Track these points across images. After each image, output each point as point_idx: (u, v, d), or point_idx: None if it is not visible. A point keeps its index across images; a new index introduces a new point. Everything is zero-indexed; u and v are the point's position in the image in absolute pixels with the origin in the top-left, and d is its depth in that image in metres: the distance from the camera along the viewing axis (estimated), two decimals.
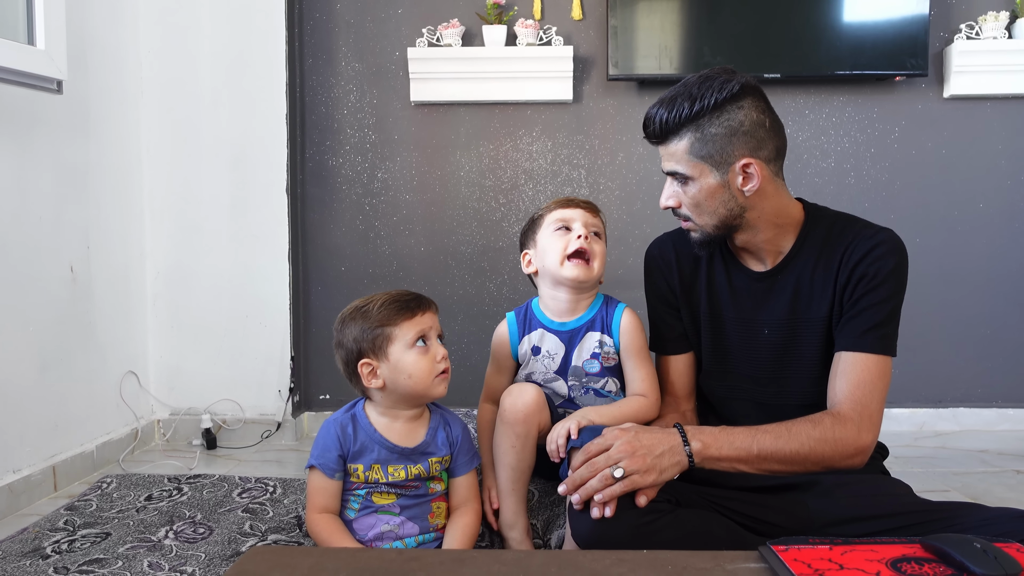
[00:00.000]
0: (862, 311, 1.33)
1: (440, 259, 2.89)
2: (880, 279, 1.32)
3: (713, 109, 1.32)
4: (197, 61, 2.67)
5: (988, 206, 2.81)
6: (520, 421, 1.46)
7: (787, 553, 0.92)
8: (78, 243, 2.34)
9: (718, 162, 1.33)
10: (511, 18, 2.76)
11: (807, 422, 1.28)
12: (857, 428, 1.27)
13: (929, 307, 2.83)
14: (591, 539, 1.21)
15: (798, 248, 1.40)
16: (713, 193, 1.35)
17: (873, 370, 1.31)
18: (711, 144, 1.32)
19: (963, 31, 2.73)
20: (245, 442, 2.68)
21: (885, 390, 1.32)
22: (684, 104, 1.32)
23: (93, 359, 2.41)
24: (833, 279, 1.36)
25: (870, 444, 1.29)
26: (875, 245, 1.33)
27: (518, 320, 1.60)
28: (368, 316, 1.41)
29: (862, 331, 1.32)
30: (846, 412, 1.29)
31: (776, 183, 1.38)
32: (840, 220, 1.41)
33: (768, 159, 1.35)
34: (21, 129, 2.11)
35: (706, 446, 1.24)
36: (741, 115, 1.33)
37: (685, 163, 1.35)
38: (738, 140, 1.32)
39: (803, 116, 2.82)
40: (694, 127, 1.33)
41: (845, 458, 1.28)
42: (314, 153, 2.87)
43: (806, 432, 1.26)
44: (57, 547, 1.74)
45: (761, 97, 1.37)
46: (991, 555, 0.88)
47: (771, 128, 1.35)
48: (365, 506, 1.44)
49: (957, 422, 2.83)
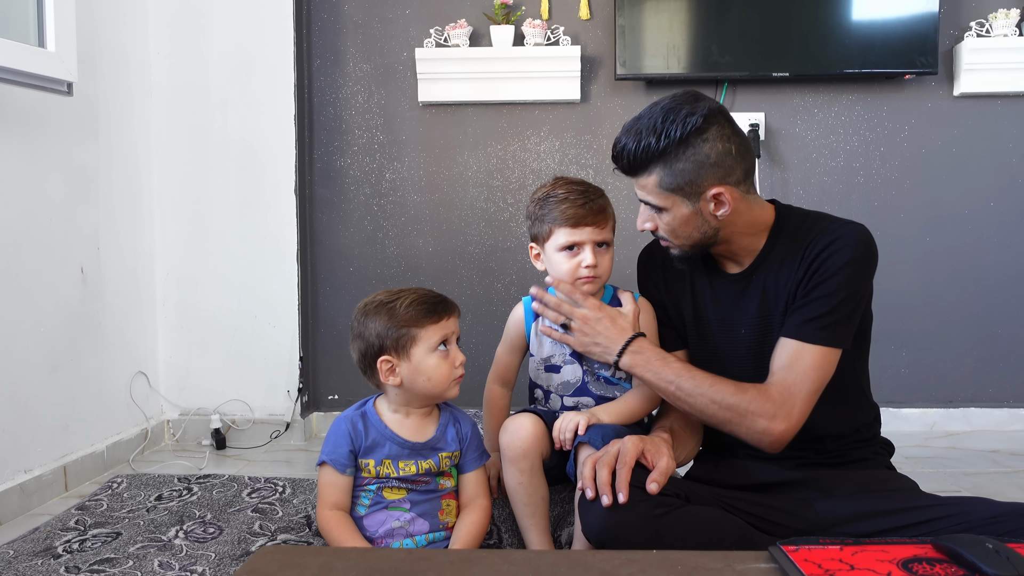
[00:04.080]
0: (809, 302, 1.33)
1: (448, 259, 2.89)
2: (831, 272, 1.33)
3: (679, 144, 1.32)
4: (206, 63, 2.68)
5: (999, 205, 2.79)
6: (521, 456, 1.47)
7: (797, 553, 0.92)
8: (88, 244, 2.35)
9: (688, 193, 1.35)
10: (519, 18, 2.76)
11: (733, 384, 1.33)
12: (774, 411, 1.28)
13: (940, 306, 2.81)
14: (602, 532, 1.21)
15: (769, 249, 1.42)
16: (687, 221, 1.37)
17: (807, 359, 1.31)
18: (680, 177, 1.34)
19: (973, 29, 2.71)
20: (254, 442, 2.69)
21: (818, 381, 1.31)
22: (650, 140, 1.33)
23: (103, 360, 2.42)
24: (794, 277, 1.37)
25: (782, 433, 1.29)
26: (833, 239, 1.34)
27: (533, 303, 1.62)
28: (394, 314, 1.41)
29: (803, 320, 1.33)
30: (772, 393, 1.30)
31: (747, 200, 1.39)
32: (809, 218, 1.42)
33: (738, 182, 1.37)
34: (32, 131, 2.13)
35: (634, 365, 1.39)
36: (707, 147, 1.33)
37: (656, 195, 1.37)
38: (706, 171, 1.33)
39: (812, 115, 2.81)
40: (661, 163, 1.34)
41: (751, 432, 1.31)
42: (322, 154, 2.88)
43: (726, 392, 1.32)
44: (68, 546, 1.75)
45: (726, 122, 1.36)
46: (1003, 555, 0.87)
47: (738, 153, 1.36)
48: (376, 502, 1.44)
49: (968, 422, 2.81)
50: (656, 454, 1.28)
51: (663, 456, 1.28)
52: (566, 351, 1.57)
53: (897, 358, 2.83)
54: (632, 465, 1.24)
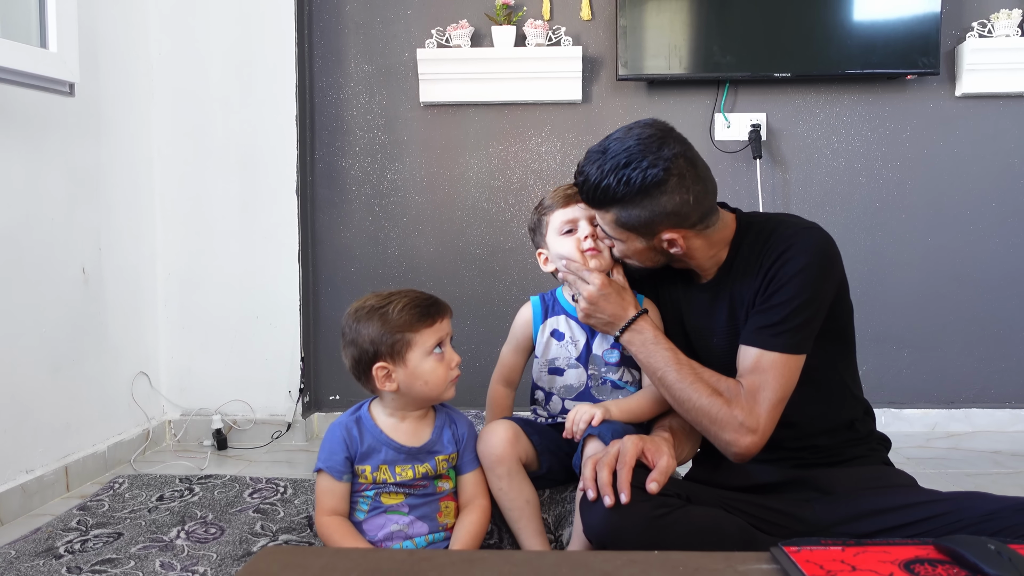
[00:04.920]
0: (766, 309, 1.34)
1: (449, 260, 2.89)
2: (783, 281, 1.33)
3: (637, 193, 1.33)
4: (207, 63, 2.68)
5: (1001, 205, 2.79)
6: (497, 463, 1.47)
7: (799, 554, 0.92)
8: (90, 244, 2.36)
9: (643, 232, 1.37)
10: (520, 19, 2.76)
11: (709, 386, 1.33)
12: (739, 423, 1.29)
13: (941, 307, 2.81)
14: (604, 532, 1.21)
15: (732, 258, 1.43)
16: (640, 252, 1.42)
17: (767, 366, 1.31)
18: (635, 219, 1.36)
19: (975, 29, 2.71)
20: (255, 443, 2.69)
21: (781, 389, 1.30)
22: (610, 182, 1.33)
23: (105, 360, 2.42)
24: (754, 283, 1.38)
25: (746, 447, 1.29)
26: (786, 248, 1.34)
27: (542, 304, 1.62)
28: (387, 319, 1.39)
29: (759, 327, 1.33)
30: (740, 401, 1.30)
31: (703, 235, 1.40)
32: (768, 225, 1.42)
33: (693, 225, 1.37)
34: (34, 131, 2.13)
35: (631, 342, 1.42)
36: (664, 199, 1.33)
37: (612, 228, 1.40)
38: (661, 219, 1.35)
39: (814, 115, 2.81)
40: (619, 206, 1.36)
41: (718, 440, 1.32)
42: (324, 154, 2.88)
43: (701, 393, 1.32)
44: (70, 547, 1.75)
45: (688, 169, 1.34)
46: (1005, 557, 0.87)
47: (696, 202, 1.35)
48: (374, 507, 1.44)
49: (970, 423, 2.81)
50: (656, 453, 1.28)
51: (663, 455, 1.28)
52: (571, 355, 1.57)
53: (899, 359, 2.83)
54: (632, 465, 1.24)
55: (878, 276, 2.80)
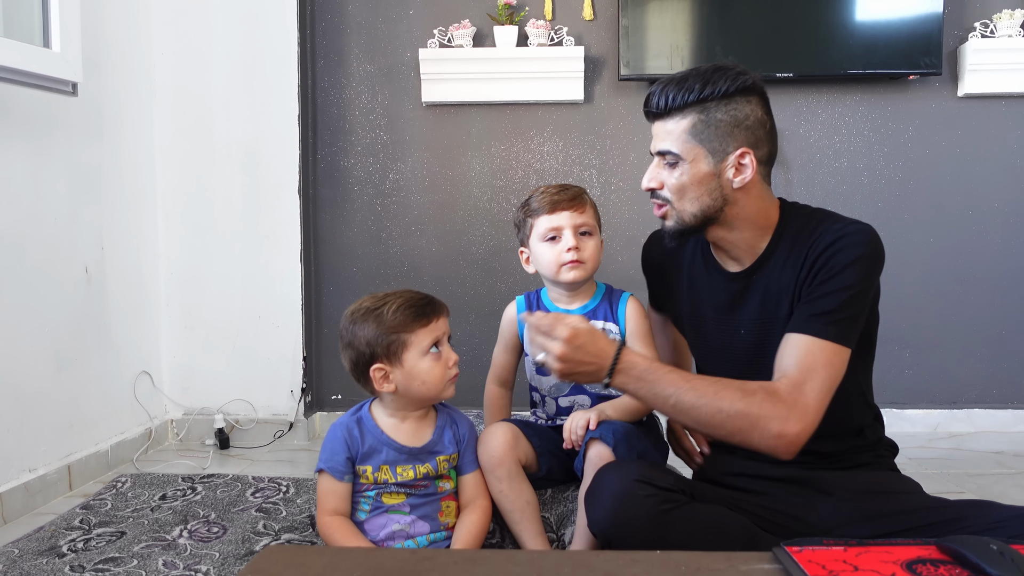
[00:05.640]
0: (818, 297, 1.29)
1: (451, 259, 2.89)
2: (837, 269, 1.28)
3: (723, 96, 1.32)
4: (210, 63, 2.68)
5: (1003, 205, 2.79)
6: (497, 465, 1.48)
7: (801, 554, 0.92)
8: (93, 244, 2.36)
9: (715, 149, 1.33)
10: (522, 19, 2.76)
11: (738, 389, 1.22)
12: (787, 412, 1.20)
13: (943, 307, 2.81)
14: (608, 526, 1.22)
15: (772, 248, 1.38)
16: (702, 180, 1.33)
17: (817, 355, 1.25)
18: (713, 129, 1.32)
19: (977, 29, 2.71)
20: (258, 442, 2.70)
21: (830, 380, 1.23)
22: (695, 85, 1.32)
23: (107, 359, 2.43)
24: (795, 276, 1.34)
25: (796, 435, 1.20)
26: (838, 238, 1.30)
27: (527, 303, 1.64)
28: (382, 320, 1.39)
29: (810, 315, 1.28)
30: (781, 391, 1.22)
31: (763, 186, 1.38)
32: (814, 217, 1.38)
33: (761, 159, 1.35)
34: (37, 131, 2.13)
35: (626, 383, 1.25)
36: (748, 109, 1.33)
37: (681, 143, 1.34)
38: (739, 132, 1.32)
39: (816, 115, 2.81)
40: (700, 108, 1.32)
41: (764, 439, 1.20)
42: (326, 154, 2.89)
43: (731, 399, 1.21)
44: (73, 546, 1.75)
45: (767, 100, 1.37)
46: (1008, 557, 0.87)
47: (770, 131, 1.36)
48: (375, 507, 1.44)
49: (972, 423, 2.80)
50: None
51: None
52: None
53: (901, 359, 2.83)
54: None
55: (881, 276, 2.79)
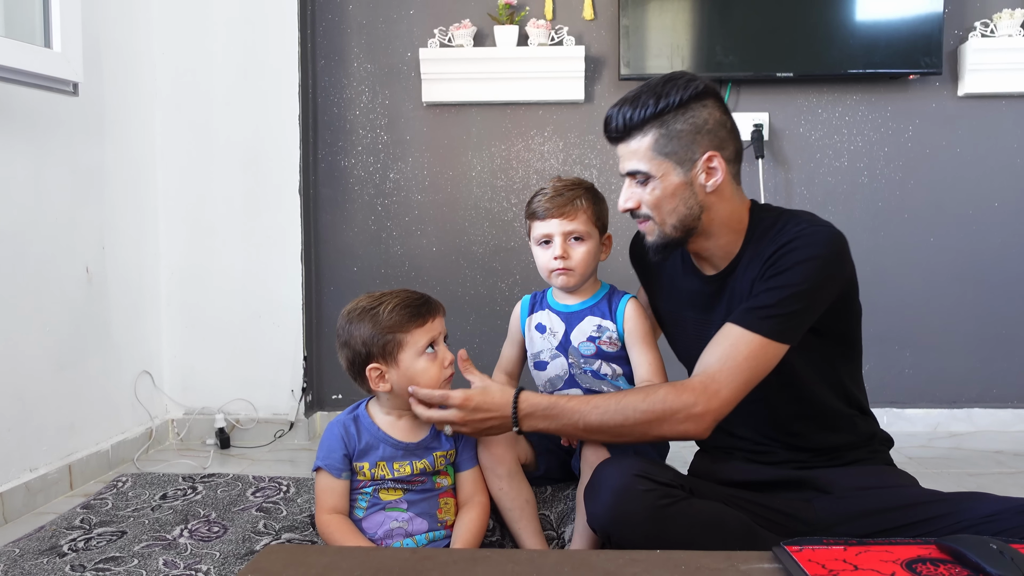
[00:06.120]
0: (757, 294, 1.31)
1: (452, 259, 2.89)
2: (784, 267, 1.30)
3: (678, 106, 1.33)
4: (210, 63, 2.69)
5: (1003, 205, 2.79)
6: (497, 463, 1.49)
7: (801, 553, 0.92)
8: (93, 244, 2.36)
9: (682, 159, 1.34)
10: (523, 18, 2.76)
11: (638, 394, 1.32)
12: (693, 399, 1.27)
13: (943, 306, 2.81)
14: (607, 522, 1.23)
15: (743, 251, 1.40)
16: (675, 192, 1.35)
17: (741, 347, 1.28)
18: (676, 140, 1.34)
19: (978, 29, 2.71)
20: (258, 441, 2.70)
21: (751, 371, 1.27)
22: (649, 102, 1.34)
23: (108, 359, 2.43)
24: (754, 276, 1.35)
25: (703, 414, 1.27)
26: (793, 239, 1.31)
27: (531, 300, 1.68)
28: (378, 320, 1.39)
29: (746, 308, 1.31)
30: (692, 383, 1.29)
31: (734, 186, 1.39)
32: (781, 219, 1.38)
33: (729, 159, 1.37)
34: (38, 131, 2.13)
35: (535, 427, 1.37)
36: (705, 113, 1.34)
37: (648, 161, 1.35)
38: (702, 137, 1.34)
39: (816, 115, 2.81)
40: (659, 123, 1.34)
41: (674, 426, 1.29)
42: (326, 154, 2.89)
43: (633, 405, 1.30)
44: (73, 545, 1.75)
45: (722, 100, 1.39)
46: (1007, 556, 0.87)
47: (731, 130, 1.38)
48: (373, 503, 1.44)
49: (972, 423, 2.80)
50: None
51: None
52: (551, 345, 1.59)
53: (901, 358, 2.83)
54: None
55: (880, 276, 2.80)
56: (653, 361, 1.55)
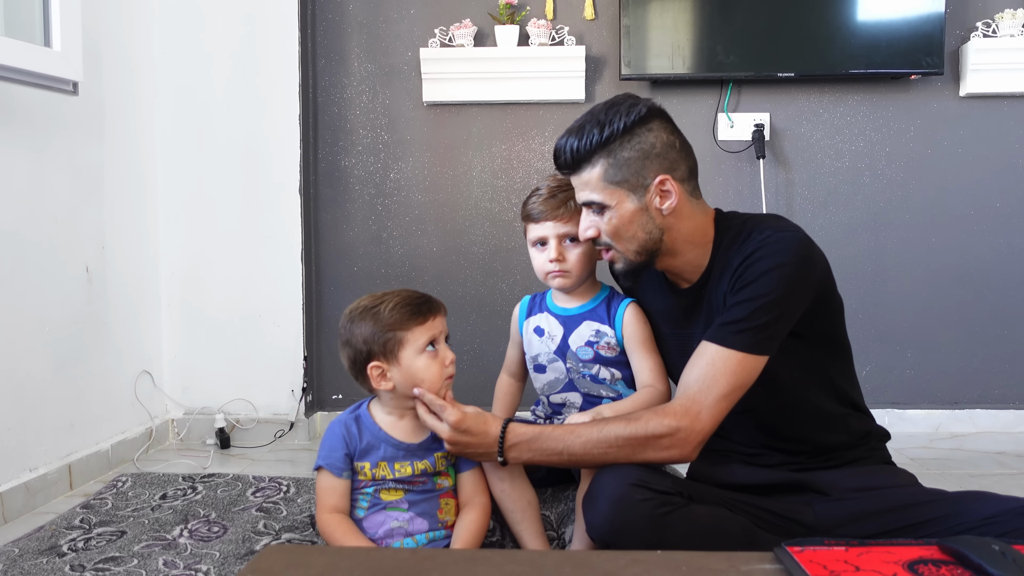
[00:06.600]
0: (729, 308, 1.31)
1: (452, 259, 2.89)
2: (751, 279, 1.29)
3: (623, 133, 1.32)
4: (211, 62, 2.68)
5: (1005, 205, 2.78)
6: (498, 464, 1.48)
7: (802, 554, 0.92)
8: (93, 243, 2.36)
9: (634, 185, 1.34)
10: (523, 18, 2.76)
11: (621, 420, 1.31)
12: (676, 421, 1.26)
13: (945, 307, 2.81)
14: (606, 530, 1.22)
15: (712, 263, 1.40)
16: (632, 218, 1.35)
17: (719, 364, 1.27)
18: (625, 168, 1.33)
19: (979, 29, 2.70)
20: (258, 441, 2.69)
21: (731, 388, 1.27)
22: (594, 131, 1.33)
23: (108, 358, 2.43)
24: (726, 287, 1.35)
25: (687, 439, 1.27)
26: (756, 248, 1.31)
27: (529, 303, 1.67)
28: (379, 318, 1.40)
29: (720, 324, 1.30)
30: (674, 407, 1.28)
31: (692, 203, 1.38)
32: (746, 227, 1.38)
33: (682, 179, 1.36)
34: (38, 130, 2.13)
35: (520, 457, 1.36)
36: (652, 137, 1.33)
37: (600, 190, 1.35)
38: (651, 162, 1.33)
39: (817, 115, 2.81)
40: (606, 152, 1.33)
41: (659, 450, 1.28)
42: (327, 154, 2.88)
43: (616, 430, 1.29)
44: (73, 545, 1.75)
45: (668, 119, 1.38)
46: (1009, 558, 0.87)
47: (681, 149, 1.37)
48: (373, 503, 1.44)
49: (973, 423, 2.80)
50: None
51: None
52: (549, 349, 1.59)
53: (902, 359, 2.82)
54: None
55: (881, 276, 2.79)
56: (654, 366, 1.54)
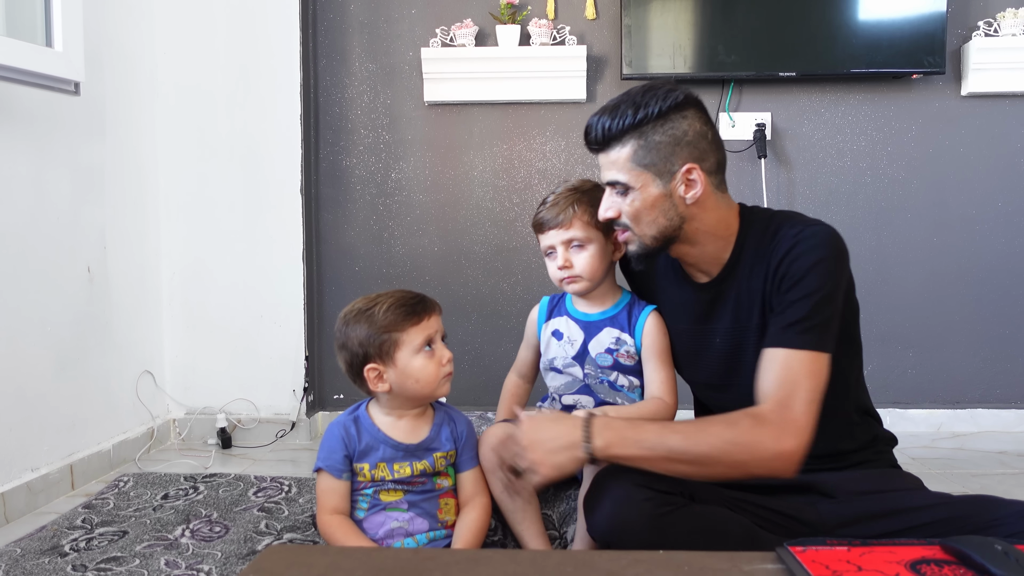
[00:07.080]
0: (785, 308, 1.29)
1: (453, 259, 2.89)
2: (799, 275, 1.28)
3: (657, 117, 1.31)
4: (212, 62, 2.69)
5: (1007, 205, 2.78)
6: (498, 466, 1.49)
7: (805, 554, 0.92)
8: (95, 243, 2.36)
9: (661, 171, 1.32)
10: (524, 18, 2.76)
11: (722, 422, 1.23)
12: (777, 432, 1.19)
13: (947, 306, 2.80)
14: (608, 530, 1.22)
15: (736, 257, 1.38)
16: (654, 203, 1.34)
17: (796, 367, 1.24)
18: (654, 152, 1.32)
19: (981, 28, 2.70)
20: (260, 441, 2.70)
21: (815, 390, 1.23)
22: (628, 112, 1.32)
23: (110, 358, 2.43)
24: (762, 284, 1.34)
25: (792, 450, 1.20)
26: (795, 244, 1.30)
27: (549, 305, 1.66)
28: (373, 320, 1.40)
29: (784, 326, 1.27)
30: (766, 413, 1.22)
31: (717, 196, 1.37)
32: (774, 221, 1.37)
33: (710, 171, 1.35)
34: (39, 130, 2.13)
35: (609, 444, 1.22)
36: (685, 124, 1.32)
37: (627, 172, 1.34)
38: (681, 149, 1.32)
39: (819, 115, 2.80)
40: (638, 134, 1.32)
41: (762, 463, 1.20)
42: (328, 153, 2.88)
43: (718, 433, 1.21)
44: (75, 545, 1.75)
45: (704, 110, 1.37)
46: (1012, 558, 0.87)
47: (713, 141, 1.36)
48: (373, 504, 1.45)
49: (975, 423, 2.80)
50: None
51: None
52: (568, 354, 1.58)
53: (904, 359, 2.82)
54: None
55: (883, 275, 2.79)
56: (666, 378, 1.54)
